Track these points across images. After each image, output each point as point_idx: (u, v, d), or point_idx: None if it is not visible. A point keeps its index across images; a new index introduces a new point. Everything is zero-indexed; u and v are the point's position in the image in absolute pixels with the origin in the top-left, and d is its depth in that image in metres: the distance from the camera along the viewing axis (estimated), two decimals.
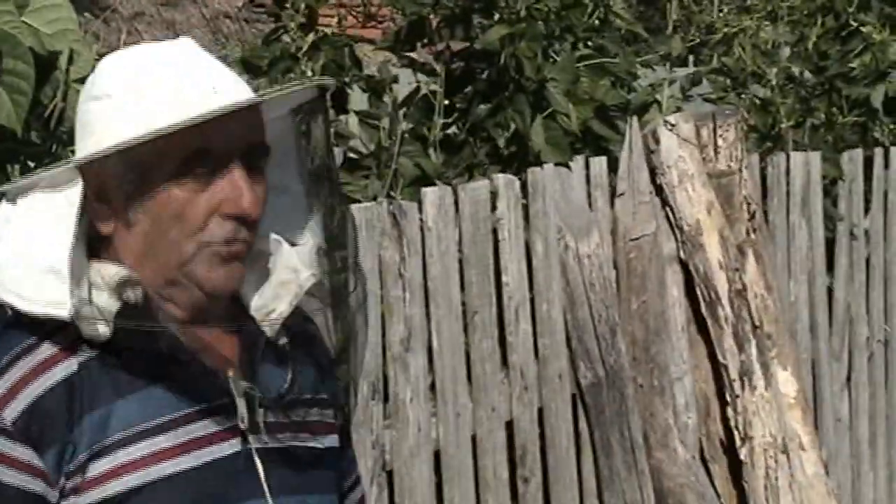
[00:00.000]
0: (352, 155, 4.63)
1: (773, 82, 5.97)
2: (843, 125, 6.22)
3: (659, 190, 4.76)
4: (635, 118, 4.84)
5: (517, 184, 4.46)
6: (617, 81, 5.03)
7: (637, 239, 4.67)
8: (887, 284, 6.22)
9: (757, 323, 4.85)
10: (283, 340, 2.34)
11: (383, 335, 4.06)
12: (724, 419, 4.93)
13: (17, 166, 3.30)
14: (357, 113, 4.66)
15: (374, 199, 4.11)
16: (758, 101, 5.85)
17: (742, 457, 4.93)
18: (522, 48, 4.59)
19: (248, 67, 4.50)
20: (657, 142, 4.75)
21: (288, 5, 4.53)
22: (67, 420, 2.11)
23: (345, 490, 2.58)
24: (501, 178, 4.42)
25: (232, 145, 2.14)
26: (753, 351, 4.86)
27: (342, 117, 4.59)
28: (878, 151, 6.15)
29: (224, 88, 2.19)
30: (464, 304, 4.27)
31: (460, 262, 4.25)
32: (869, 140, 6.25)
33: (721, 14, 6.36)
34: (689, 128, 4.78)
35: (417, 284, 4.10)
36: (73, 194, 2.11)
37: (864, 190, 6.01)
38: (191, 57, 2.26)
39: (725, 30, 6.13)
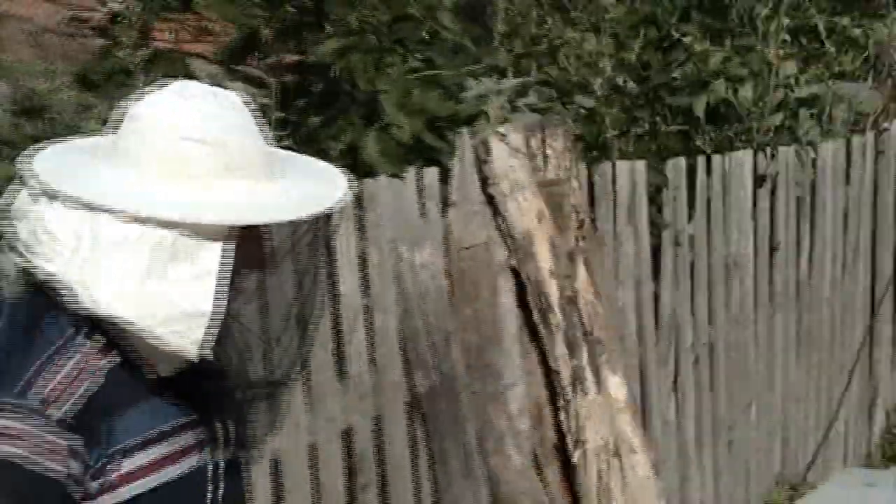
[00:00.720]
0: None
1: (598, 93, 6.08)
2: (666, 134, 6.35)
3: (490, 199, 4.81)
4: (465, 129, 4.90)
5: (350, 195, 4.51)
6: (446, 93, 5.10)
7: (469, 248, 4.72)
8: (711, 289, 6.36)
9: (588, 329, 4.92)
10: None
11: None
12: (557, 424, 5.00)
13: None
14: None
15: None
16: (583, 112, 5.95)
17: (575, 461, 5.01)
18: (355, 61, 4.64)
19: (83, 83, 4.50)
20: (488, 152, 4.80)
21: (121, 20, 4.56)
22: (105, 419, 2.36)
23: None
24: None
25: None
26: (584, 357, 4.93)
27: None
28: (701, 159, 6.27)
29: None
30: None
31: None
32: (692, 148, 6.38)
33: (545, 26, 6.44)
34: (519, 138, 4.84)
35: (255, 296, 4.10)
36: (216, 249, 2.39)
37: (687, 197, 6.14)
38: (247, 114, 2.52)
39: (550, 41, 6.20)
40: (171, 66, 4.55)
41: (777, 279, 6.89)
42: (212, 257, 2.38)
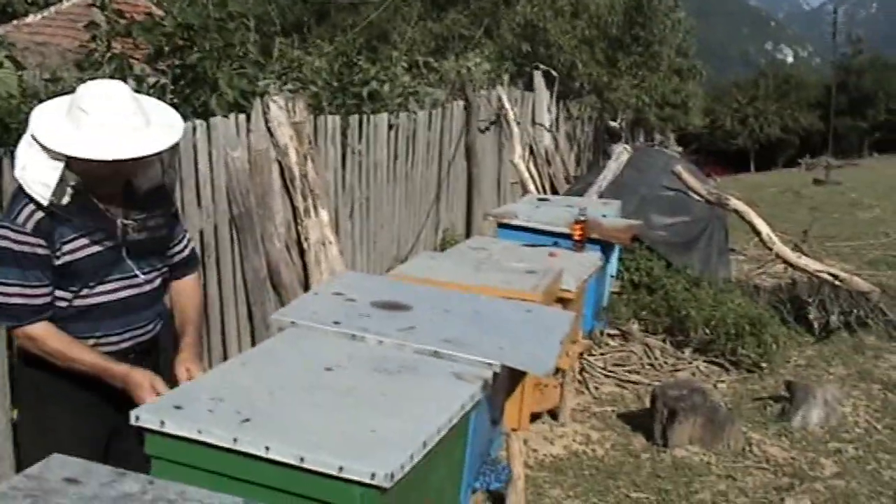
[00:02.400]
0: None
1: (319, 85, 6.11)
2: (349, 104, 6.41)
3: (269, 129, 4.83)
4: (259, 98, 4.91)
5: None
6: (250, 81, 5.07)
7: (258, 151, 4.76)
8: (369, 173, 6.44)
9: (311, 188, 4.99)
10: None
11: None
12: (297, 231, 5.08)
13: None
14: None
15: None
16: (312, 93, 5.96)
17: (305, 248, 5.11)
18: (207, 63, 4.57)
19: (79, 68, 4.39)
20: (268, 108, 4.82)
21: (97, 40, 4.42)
22: (50, 229, 2.52)
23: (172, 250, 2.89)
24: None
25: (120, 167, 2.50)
26: (310, 201, 5.02)
27: None
28: (366, 116, 6.34)
29: (130, 142, 2.47)
30: None
31: None
32: (362, 111, 6.42)
33: (297, 54, 6.37)
34: (282, 102, 4.86)
35: None
36: (59, 164, 2.45)
37: (354, 131, 6.19)
38: (122, 106, 2.48)
39: (300, 62, 6.16)
40: (120, 62, 4.43)
41: (397, 170, 7.01)
42: (57, 168, 2.46)
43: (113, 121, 2.45)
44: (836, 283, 7.22)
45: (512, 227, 5.65)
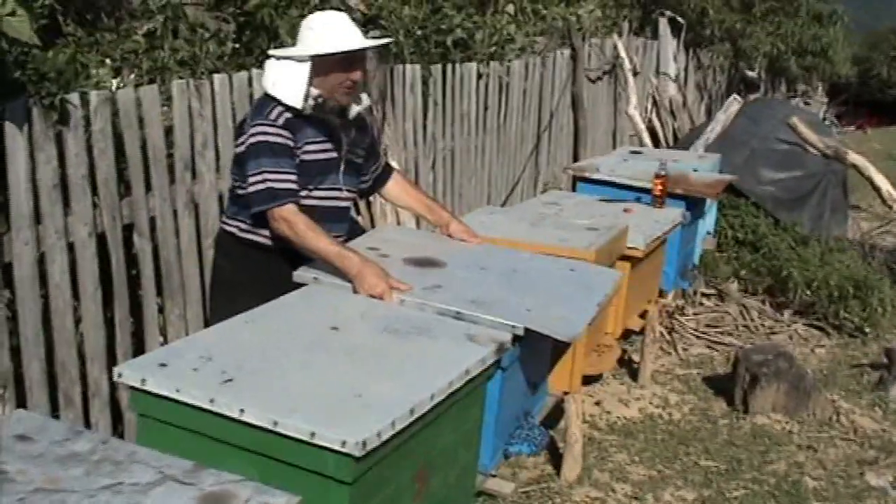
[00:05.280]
0: None
1: (401, 35, 5.89)
2: (434, 53, 6.16)
3: None
4: None
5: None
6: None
7: None
8: (456, 124, 6.22)
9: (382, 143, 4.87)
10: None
11: None
12: None
13: None
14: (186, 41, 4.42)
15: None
16: (393, 43, 5.75)
17: (371, 199, 4.96)
18: (264, 12, 4.40)
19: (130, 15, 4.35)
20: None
21: None
22: (295, 129, 3.05)
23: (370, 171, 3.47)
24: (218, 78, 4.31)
25: (356, 60, 3.10)
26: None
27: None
28: (452, 66, 6.10)
29: (356, 38, 3.08)
30: None
31: None
32: (447, 59, 6.17)
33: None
34: None
35: None
36: (305, 66, 3.03)
37: (441, 81, 5.97)
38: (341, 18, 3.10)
39: (381, 8, 5.92)
40: (175, 7, 4.35)
41: (488, 121, 6.74)
42: (303, 72, 3.02)
43: (339, 23, 3.05)
44: None
45: (591, 182, 5.40)
